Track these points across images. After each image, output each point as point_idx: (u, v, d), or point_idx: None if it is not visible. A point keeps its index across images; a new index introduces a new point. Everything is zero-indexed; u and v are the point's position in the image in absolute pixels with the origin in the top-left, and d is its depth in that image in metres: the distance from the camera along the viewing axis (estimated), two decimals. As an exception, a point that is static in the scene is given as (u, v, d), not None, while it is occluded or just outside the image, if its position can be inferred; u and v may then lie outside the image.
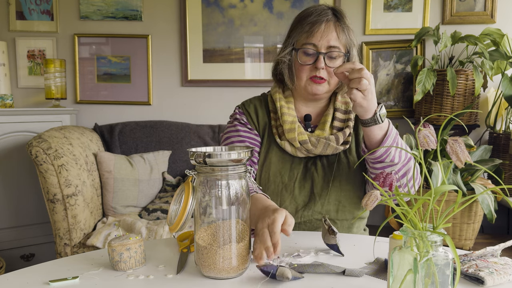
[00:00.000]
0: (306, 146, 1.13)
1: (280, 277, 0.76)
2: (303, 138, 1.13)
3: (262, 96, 1.28)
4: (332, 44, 1.10)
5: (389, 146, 1.02)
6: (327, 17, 1.11)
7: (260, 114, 1.22)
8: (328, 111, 1.19)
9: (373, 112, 0.99)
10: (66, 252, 1.95)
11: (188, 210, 0.77)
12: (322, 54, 1.10)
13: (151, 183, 2.34)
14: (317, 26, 1.10)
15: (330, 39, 1.10)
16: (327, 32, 1.10)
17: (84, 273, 0.84)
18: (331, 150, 1.14)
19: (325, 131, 1.16)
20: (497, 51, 2.18)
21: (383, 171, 0.70)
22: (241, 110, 1.24)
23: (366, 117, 1.00)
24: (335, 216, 1.16)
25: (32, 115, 2.46)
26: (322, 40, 1.10)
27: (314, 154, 1.16)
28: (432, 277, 0.58)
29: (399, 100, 2.61)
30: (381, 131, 1.02)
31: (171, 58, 2.74)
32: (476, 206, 1.96)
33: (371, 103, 0.98)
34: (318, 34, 1.10)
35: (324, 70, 1.11)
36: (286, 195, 1.16)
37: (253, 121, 1.22)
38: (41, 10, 2.72)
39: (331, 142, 1.13)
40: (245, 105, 1.25)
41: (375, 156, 1.04)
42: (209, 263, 0.79)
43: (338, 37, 1.11)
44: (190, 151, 0.79)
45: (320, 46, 1.10)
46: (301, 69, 1.13)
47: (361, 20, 2.62)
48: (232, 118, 1.24)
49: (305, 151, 1.15)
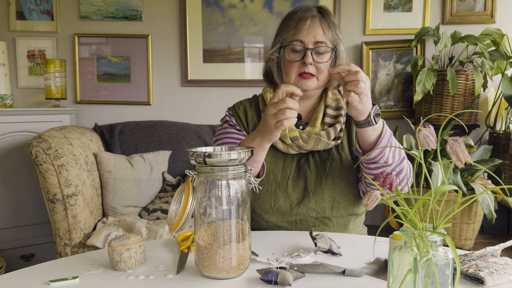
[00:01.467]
0: (297, 142, 1.14)
1: (281, 283, 0.76)
2: (294, 134, 1.14)
3: (253, 97, 1.30)
4: (318, 40, 1.11)
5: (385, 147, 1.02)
6: (312, 13, 1.13)
7: (249, 115, 1.24)
8: (319, 108, 1.20)
9: (367, 114, 1.00)
10: (66, 252, 1.95)
11: (188, 210, 0.77)
12: (310, 50, 1.11)
13: (151, 183, 2.34)
14: (303, 22, 1.12)
15: (316, 34, 1.11)
16: (313, 27, 1.12)
17: (84, 273, 0.84)
18: (322, 145, 1.14)
19: (316, 127, 1.16)
20: (497, 51, 2.18)
21: (383, 171, 0.70)
22: (230, 112, 1.26)
23: (360, 119, 1.01)
24: (330, 214, 1.16)
25: (32, 115, 2.46)
26: (309, 36, 1.11)
27: (306, 150, 1.17)
28: (432, 277, 0.58)
29: (399, 100, 2.61)
30: (375, 132, 1.02)
31: (171, 58, 2.74)
32: (476, 206, 1.96)
33: (366, 105, 0.98)
34: (304, 30, 1.11)
35: (312, 66, 1.12)
36: (280, 193, 1.16)
37: (242, 122, 1.23)
38: (41, 10, 2.72)
39: (322, 138, 1.13)
40: (234, 107, 1.27)
41: (369, 157, 1.04)
42: (209, 263, 0.79)
43: (324, 32, 1.12)
44: (190, 151, 0.79)
45: (307, 42, 1.11)
46: (290, 66, 1.14)
47: (361, 20, 2.62)
48: (222, 121, 1.26)
49: (297, 147, 1.16)
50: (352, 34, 2.62)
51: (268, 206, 1.17)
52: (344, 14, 2.62)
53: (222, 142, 1.19)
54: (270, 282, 0.77)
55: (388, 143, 1.04)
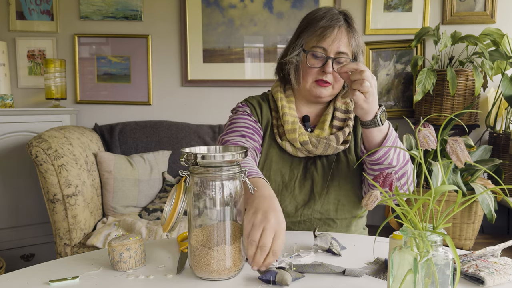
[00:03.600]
0: (307, 147, 1.14)
1: (279, 283, 0.76)
2: (304, 139, 1.14)
3: (264, 95, 1.29)
4: (341, 50, 1.11)
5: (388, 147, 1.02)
6: (340, 23, 1.12)
7: (264, 109, 1.23)
8: (328, 111, 1.20)
9: (373, 115, 1.00)
10: (66, 252, 1.95)
11: (178, 210, 0.77)
12: (331, 59, 1.10)
13: (151, 183, 2.34)
14: (330, 31, 1.11)
15: (340, 45, 1.11)
16: (339, 37, 1.11)
17: (84, 273, 0.84)
18: (331, 150, 1.15)
19: (325, 131, 1.16)
20: (497, 51, 2.18)
21: (383, 171, 0.70)
22: (244, 103, 1.24)
23: (366, 119, 1.01)
24: (334, 215, 1.16)
25: (32, 115, 2.46)
26: (333, 45, 1.11)
27: (314, 155, 1.17)
28: (432, 277, 0.58)
29: (399, 100, 2.61)
30: (380, 133, 1.02)
31: (171, 58, 2.74)
32: (476, 206, 1.96)
33: (372, 105, 0.98)
34: (329, 39, 1.11)
35: (331, 75, 1.12)
36: (286, 194, 1.16)
37: (257, 114, 1.21)
38: (41, 10, 2.72)
39: (331, 143, 1.13)
40: (248, 100, 1.25)
41: (373, 158, 1.04)
42: (200, 264, 0.79)
43: (349, 43, 1.12)
44: (183, 151, 0.78)
45: (330, 51, 1.11)
46: (309, 71, 1.13)
47: (361, 20, 2.62)
48: (234, 111, 1.24)
49: (306, 151, 1.16)
50: (352, 34, 2.62)
51: None
52: (344, 14, 2.62)
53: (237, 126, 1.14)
54: (268, 282, 0.77)
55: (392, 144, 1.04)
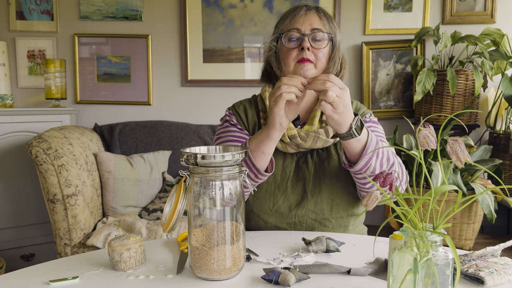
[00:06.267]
0: (296, 140, 1.13)
1: (282, 283, 0.76)
2: (293, 132, 1.13)
3: (252, 97, 1.29)
4: (315, 27, 1.12)
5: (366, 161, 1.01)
6: (307, 6, 1.16)
7: (249, 114, 1.23)
8: (317, 106, 1.19)
9: (348, 126, 0.97)
10: (66, 252, 1.95)
11: (178, 210, 0.77)
12: (307, 35, 1.12)
13: (151, 183, 2.34)
14: (298, 11, 1.15)
15: (312, 22, 1.13)
16: (309, 16, 1.14)
17: (84, 273, 0.84)
18: (321, 143, 1.13)
19: (314, 126, 1.15)
20: (497, 51, 2.18)
21: (383, 171, 0.70)
22: (231, 111, 1.26)
23: (341, 132, 0.98)
24: (329, 215, 1.15)
25: (32, 115, 2.46)
26: (305, 24, 1.13)
27: (304, 149, 1.16)
28: (432, 277, 0.58)
29: (399, 100, 2.61)
30: (359, 143, 1.00)
31: (171, 58, 2.74)
32: (476, 206, 1.96)
33: (344, 116, 0.95)
34: (300, 19, 1.13)
35: (311, 53, 1.11)
36: (279, 195, 1.16)
37: (243, 121, 1.23)
38: (41, 10, 2.72)
39: (320, 135, 1.12)
40: (234, 106, 1.27)
41: (354, 169, 1.03)
42: (200, 264, 0.79)
43: (320, 20, 1.14)
44: (183, 151, 0.79)
45: (303, 29, 1.12)
46: (288, 53, 1.14)
47: (361, 20, 2.62)
48: (223, 121, 1.26)
49: (295, 146, 1.15)
50: (352, 34, 2.62)
51: (267, 207, 1.17)
52: (344, 14, 2.62)
53: (223, 140, 1.18)
54: (270, 282, 0.77)
55: (374, 153, 1.01)
